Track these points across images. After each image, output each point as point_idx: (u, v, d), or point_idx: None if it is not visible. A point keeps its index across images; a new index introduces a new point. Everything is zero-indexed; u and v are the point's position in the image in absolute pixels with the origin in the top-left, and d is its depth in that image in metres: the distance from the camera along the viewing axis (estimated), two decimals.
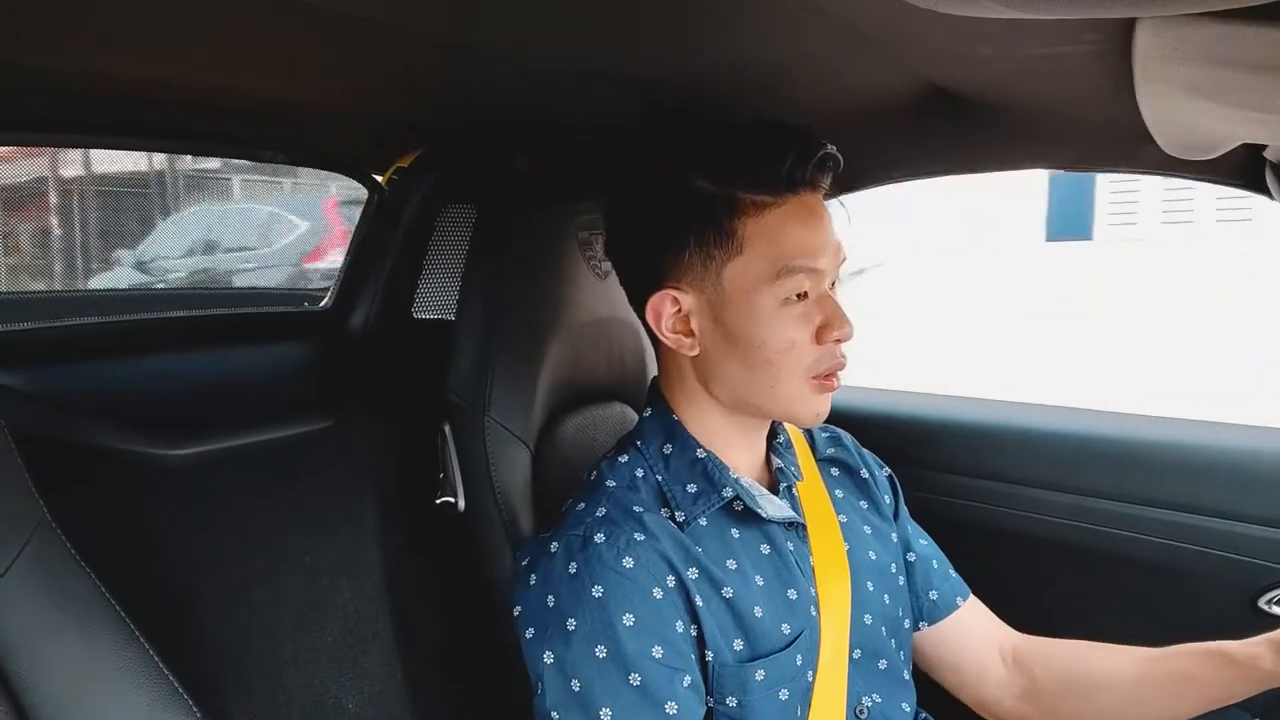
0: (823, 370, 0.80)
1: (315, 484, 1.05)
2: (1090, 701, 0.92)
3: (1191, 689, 0.87)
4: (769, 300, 0.78)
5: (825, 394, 0.82)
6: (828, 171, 0.81)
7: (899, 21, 0.69)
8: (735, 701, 0.79)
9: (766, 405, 0.83)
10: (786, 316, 0.79)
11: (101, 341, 1.01)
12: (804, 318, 0.79)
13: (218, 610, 0.93)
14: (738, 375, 0.81)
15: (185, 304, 1.47)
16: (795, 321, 0.79)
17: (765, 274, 0.78)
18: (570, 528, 0.80)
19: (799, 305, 0.79)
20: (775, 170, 0.78)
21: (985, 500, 1.33)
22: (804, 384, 0.80)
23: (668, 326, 0.83)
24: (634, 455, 0.86)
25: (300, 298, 1.30)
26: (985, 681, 0.96)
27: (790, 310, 0.79)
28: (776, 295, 0.78)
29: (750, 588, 0.81)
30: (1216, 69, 0.53)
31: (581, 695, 0.74)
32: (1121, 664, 0.91)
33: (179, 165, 3.95)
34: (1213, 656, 0.86)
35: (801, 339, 0.79)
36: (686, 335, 0.83)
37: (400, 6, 0.68)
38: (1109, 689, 0.91)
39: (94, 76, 0.84)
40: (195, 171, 4.06)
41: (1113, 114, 0.83)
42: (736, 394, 0.83)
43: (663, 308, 0.82)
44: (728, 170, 0.78)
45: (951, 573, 0.99)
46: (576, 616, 0.75)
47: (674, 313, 0.82)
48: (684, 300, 0.81)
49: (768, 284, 0.78)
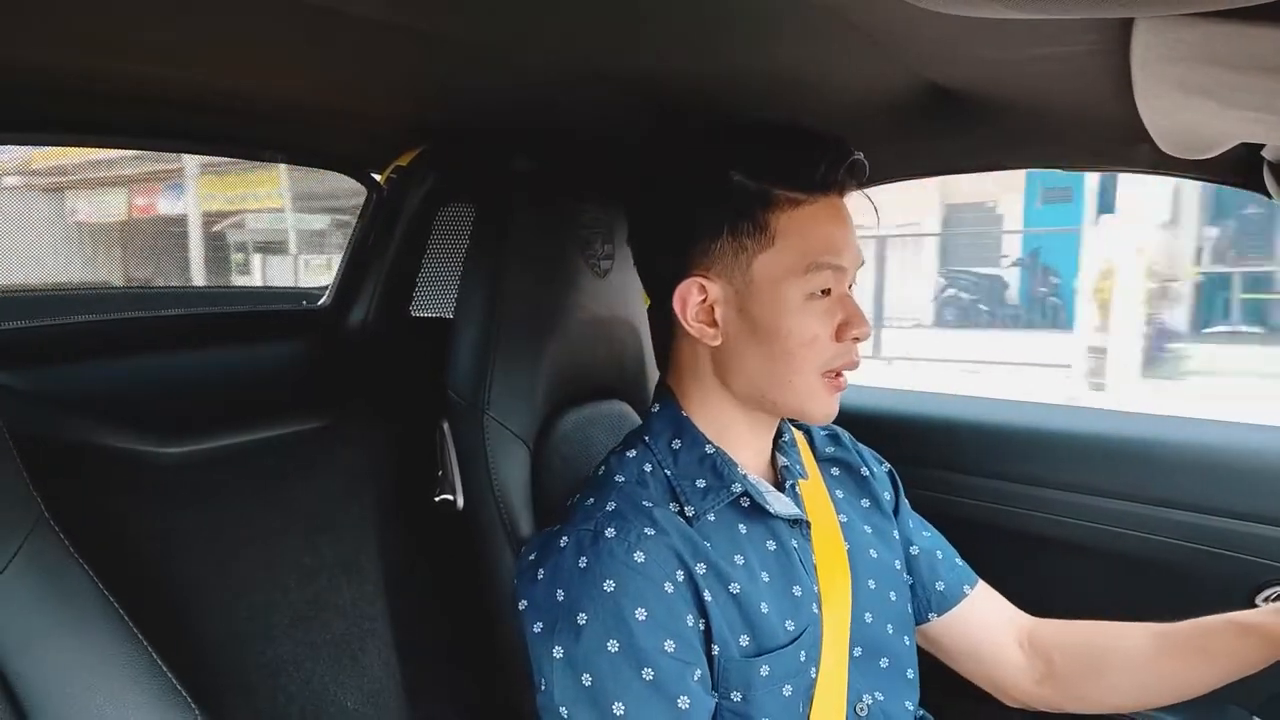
0: (838, 365, 0.83)
1: (314, 482, 1.05)
2: (1108, 680, 0.93)
3: (1207, 661, 0.89)
4: (796, 293, 0.81)
5: (835, 394, 0.84)
6: (855, 177, 0.84)
7: (899, 21, 0.69)
8: (740, 696, 0.79)
9: (781, 398, 0.84)
10: (811, 310, 0.81)
11: (98, 339, 1.00)
12: (827, 313, 0.82)
13: (217, 608, 0.93)
14: (757, 366, 0.83)
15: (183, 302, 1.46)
16: (819, 316, 0.82)
17: (795, 267, 0.81)
18: (580, 522, 0.80)
19: (823, 301, 0.82)
20: (811, 170, 0.81)
21: (984, 498, 1.33)
22: (819, 379, 0.83)
23: (693, 315, 0.84)
24: (642, 450, 0.87)
25: (299, 296, 1.30)
26: (1004, 667, 0.98)
27: (815, 305, 0.81)
28: (803, 289, 0.81)
29: (757, 583, 0.81)
30: (1214, 69, 0.53)
31: (593, 690, 0.74)
32: (1137, 641, 0.93)
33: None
34: (1230, 628, 0.88)
35: (823, 334, 0.82)
36: (710, 325, 0.84)
37: (399, 6, 0.68)
38: (1126, 667, 0.92)
39: (92, 76, 0.84)
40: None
41: (1111, 114, 0.83)
42: (753, 386, 0.84)
43: (689, 296, 0.84)
44: (766, 167, 0.81)
45: (958, 561, 1.00)
46: (587, 611, 0.75)
47: (700, 302, 0.84)
48: (711, 289, 0.83)
49: (797, 276, 0.81)
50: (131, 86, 0.88)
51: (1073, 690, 0.95)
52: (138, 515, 0.91)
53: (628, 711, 0.73)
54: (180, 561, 0.92)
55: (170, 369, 1.03)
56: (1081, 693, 0.95)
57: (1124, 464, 1.25)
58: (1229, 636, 0.88)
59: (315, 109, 1.03)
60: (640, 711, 0.74)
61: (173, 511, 0.93)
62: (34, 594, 0.64)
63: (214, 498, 0.96)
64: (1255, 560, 1.15)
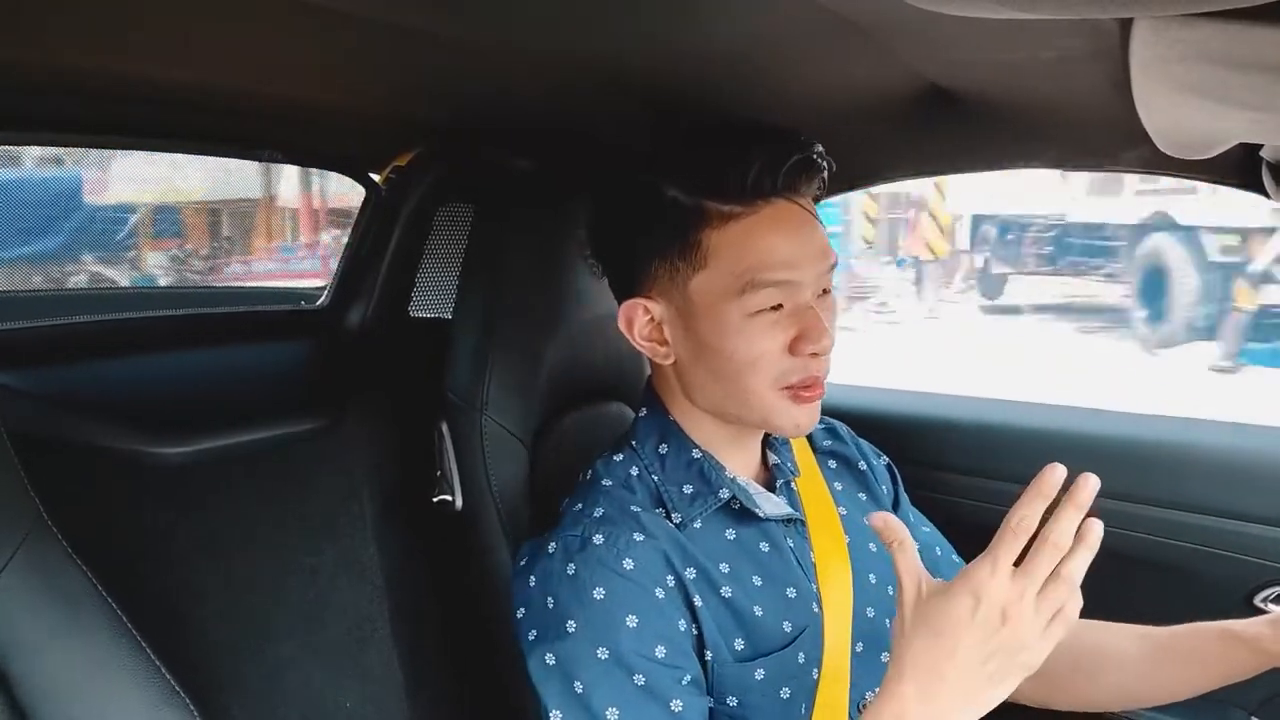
0: (795, 382, 0.78)
1: (313, 482, 1.05)
2: (1100, 681, 0.93)
3: (1199, 668, 0.88)
4: (735, 313, 0.77)
5: (803, 404, 0.80)
6: (806, 177, 0.78)
7: (897, 20, 0.69)
8: (735, 701, 0.79)
9: (744, 414, 0.82)
10: (754, 328, 0.77)
11: (96, 340, 1.00)
12: (774, 327, 0.77)
13: (216, 610, 0.93)
14: (711, 385, 0.81)
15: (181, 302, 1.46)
16: (764, 332, 0.77)
17: (730, 289, 0.76)
18: (567, 528, 0.80)
19: (770, 315, 0.77)
20: (740, 178, 0.75)
21: (983, 499, 1.33)
22: (776, 395, 0.79)
23: (641, 334, 0.82)
24: (629, 455, 0.86)
25: (297, 296, 1.30)
26: None
27: (759, 321, 0.77)
28: (743, 309, 0.76)
29: (748, 588, 0.81)
30: (1213, 68, 0.53)
31: (585, 696, 0.74)
32: (1131, 643, 0.92)
33: None
34: (1221, 635, 0.88)
35: (771, 350, 0.77)
36: (661, 344, 0.82)
37: (398, 6, 0.68)
38: (1119, 669, 0.92)
39: (91, 75, 0.84)
40: None
41: (1110, 114, 0.83)
42: (714, 403, 0.83)
43: (634, 316, 0.82)
44: (695, 178, 0.77)
45: (955, 558, 1.00)
46: (576, 618, 0.75)
47: (646, 321, 0.82)
48: (655, 310, 0.81)
49: (734, 298, 0.76)
50: (130, 86, 0.87)
51: (1064, 687, 0.95)
52: (135, 516, 0.90)
53: (623, 715, 0.73)
54: (179, 563, 0.92)
55: (169, 370, 1.03)
56: (1073, 690, 0.95)
57: (1121, 464, 1.25)
58: (1220, 643, 0.87)
59: (314, 109, 1.03)
60: (634, 715, 0.73)
61: (171, 512, 0.93)
62: (32, 596, 0.64)
63: (213, 499, 0.96)
64: (1253, 561, 1.16)
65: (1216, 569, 1.17)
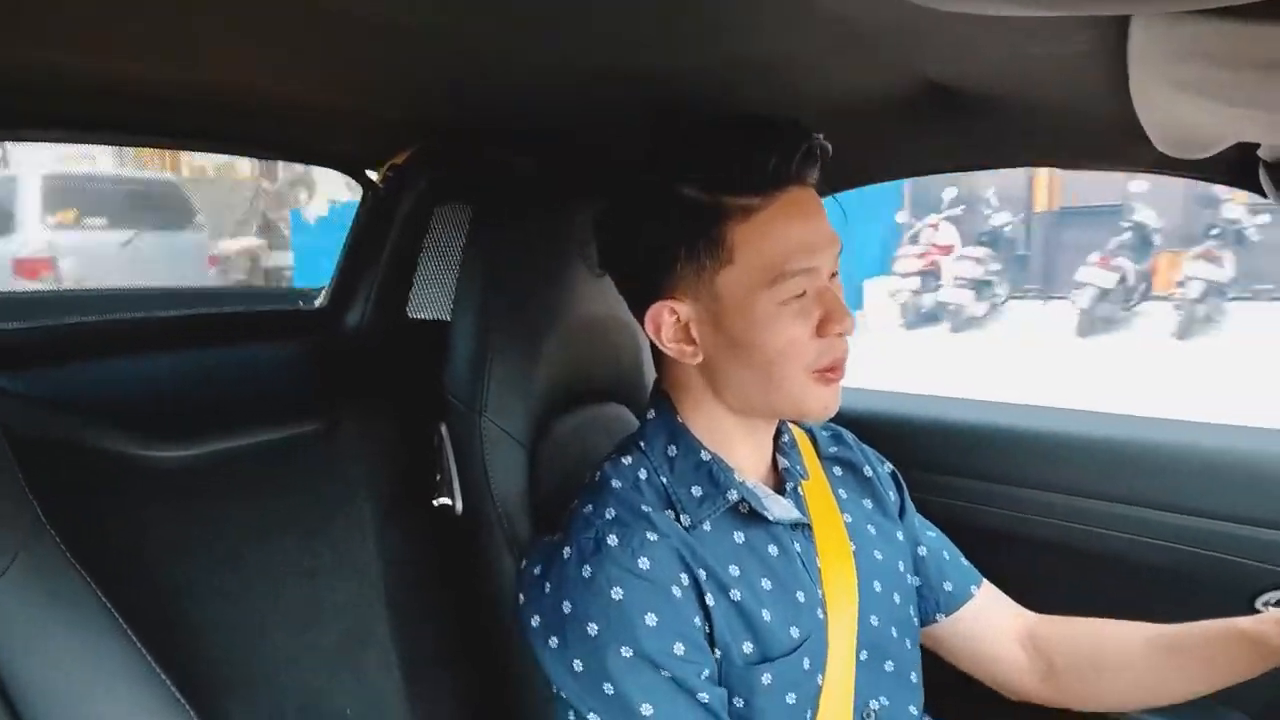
0: (825, 363, 0.80)
1: (312, 484, 1.05)
2: (1108, 680, 0.94)
3: (1207, 666, 0.89)
4: (766, 304, 0.78)
5: (830, 386, 0.81)
6: (815, 164, 0.80)
7: (897, 19, 0.69)
8: (742, 702, 0.79)
9: (775, 404, 0.83)
10: (784, 316, 0.78)
11: (94, 341, 1.00)
12: (803, 314, 0.79)
13: (214, 611, 0.93)
14: (744, 378, 0.81)
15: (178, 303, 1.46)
16: (793, 320, 0.78)
17: (760, 281, 0.77)
18: (580, 531, 0.80)
19: (796, 303, 0.78)
20: (761, 167, 0.76)
21: (984, 502, 1.33)
22: (807, 379, 0.80)
23: (668, 337, 0.82)
24: (637, 457, 0.86)
25: (295, 296, 1.30)
26: (1007, 665, 0.98)
27: (788, 309, 0.78)
28: (773, 299, 0.77)
29: (756, 592, 0.81)
30: (1211, 67, 0.53)
31: (618, 697, 0.74)
32: (1138, 642, 0.93)
33: None
34: (1227, 633, 0.88)
35: (801, 335, 0.79)
36: (688, 344, 0.82)
37: (398, 5, 0.68)
38: (1127, 668, 0.93)
39: (91, 74, 0.83)
40: None
41: (1108, 113, 0.83)
42: (746, 396, 0.83)
43: (661, 319, 0.82)
44: (712, 175, 0.77)
45: (963, 561, 1.00)
46: (597, 621, 0.75)
47: (673, 323, 0.82)
48: (682, 310, 0.81)
49: (764, 289, 0.77)
50: (129, 85, 0.87)
51: (1073, 688, 0.96)
52: (133, 518, 0.90)
53: (658, 710, 0.74)
54: (177, 564, 0.92)
55: (167, 371, 1.03)
56: (1081, 690, 0.95)
57: (1125, 468, 1.24)
58: (1227, 642, 0.88)
59: (312, 107, 1.03)
60: (668, 709, 0.74)
61: (168, 514, 0.92)
62: (30, 598, 0.64)
63: (212, 500, 0.96)
64: (1256, 565, 1.15)
65: (1219, 573, 1.17)
